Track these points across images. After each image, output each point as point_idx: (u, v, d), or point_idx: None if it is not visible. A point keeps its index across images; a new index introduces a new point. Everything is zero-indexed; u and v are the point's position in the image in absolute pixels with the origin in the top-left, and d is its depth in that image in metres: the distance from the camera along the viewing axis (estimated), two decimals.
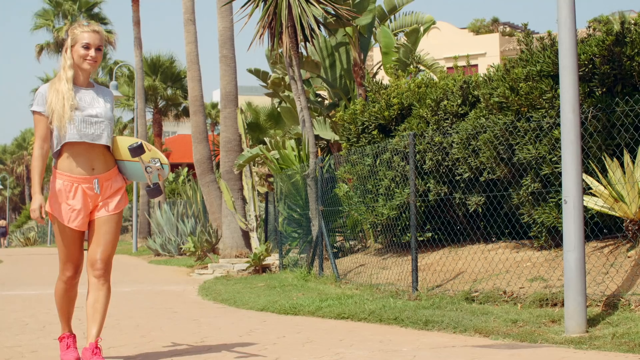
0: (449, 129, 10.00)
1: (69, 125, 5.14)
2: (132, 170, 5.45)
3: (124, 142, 5.41)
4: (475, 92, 10.11)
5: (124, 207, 5.44)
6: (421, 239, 10.33)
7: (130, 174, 5.48)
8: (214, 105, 50.41)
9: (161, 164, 5.42)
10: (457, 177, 9.78)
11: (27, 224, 66.24)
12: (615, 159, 7.59)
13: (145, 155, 5.36)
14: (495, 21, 53.82)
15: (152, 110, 41.13)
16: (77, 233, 5.28)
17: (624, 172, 7.49)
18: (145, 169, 5.38)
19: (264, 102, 33.16)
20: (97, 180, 5.25)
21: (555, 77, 8.40)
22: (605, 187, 7.59)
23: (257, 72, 21.01)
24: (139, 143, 5.30)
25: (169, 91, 41.00)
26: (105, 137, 5.27)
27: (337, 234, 13.92)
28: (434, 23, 18.90)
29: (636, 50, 7.99)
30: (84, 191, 5.23)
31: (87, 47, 5.25)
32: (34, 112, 5.23)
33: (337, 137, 16.65)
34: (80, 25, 5.34)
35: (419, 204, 10.05)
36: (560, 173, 7.27)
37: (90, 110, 5.24)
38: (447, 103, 10.39)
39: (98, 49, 5.29)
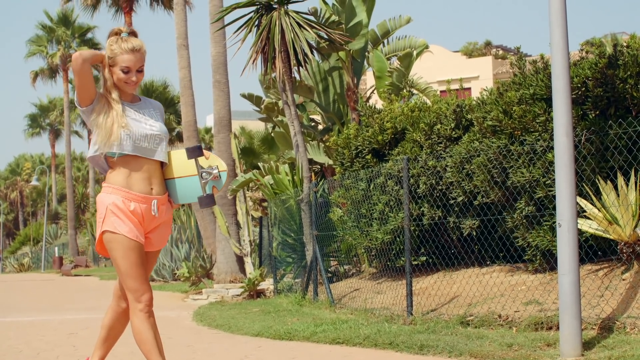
0: (442, 152, 10.01)
1: (124, 136, 4.58)
2: (185, 189, 4.84)
3: (177, 156, 4.88)
4: (469, 116, 10.12)
5: None
6: (415, 263, 10.31)
7: (182, 194, 4.83)
8: (208, 130, 50.44)
9: (219, 171, 4.85)
10: (451, 201, 9.77)
11: (21, 250, 66.08)
12: (609, 182, 7.59)
13: (202, 159, 4.86)
14: (487, 44, 54.01)
15: None
16: (142, 250, 4.63)
17: (618, 195, 7.49)
18: (201, 174, 4.83)
19: (257, 126, 33.22)
20: (156, 202, 4.68)
21: (548, 100, 8.41)
22: (599, 210, 7.58)
23: (250, 97, 21.04)
24: (197, 145, 4.87)
25: None
26: (160, 152, 4.72)
27: (331, 258, 13.90)
28: (427, 47, 18.94)
29: (629, 73, 8.01)
30: (142, 212, 4.63)
31: (127, 71, 4.63)
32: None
33: (330, 162, 16.66)
34: (119, 39, 4.66)
35: (413, 228, 10.03)
36: (554, 196, 7.26)
37: (144, 124, 4.69)
38: (441, 127, 10.40)
39: (139, 71, 4.67)
